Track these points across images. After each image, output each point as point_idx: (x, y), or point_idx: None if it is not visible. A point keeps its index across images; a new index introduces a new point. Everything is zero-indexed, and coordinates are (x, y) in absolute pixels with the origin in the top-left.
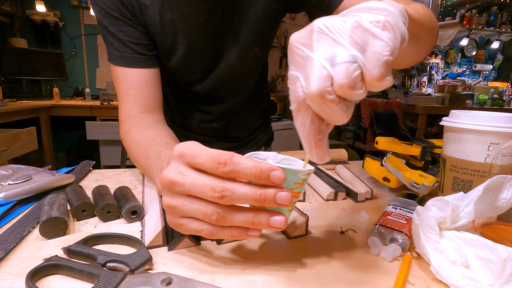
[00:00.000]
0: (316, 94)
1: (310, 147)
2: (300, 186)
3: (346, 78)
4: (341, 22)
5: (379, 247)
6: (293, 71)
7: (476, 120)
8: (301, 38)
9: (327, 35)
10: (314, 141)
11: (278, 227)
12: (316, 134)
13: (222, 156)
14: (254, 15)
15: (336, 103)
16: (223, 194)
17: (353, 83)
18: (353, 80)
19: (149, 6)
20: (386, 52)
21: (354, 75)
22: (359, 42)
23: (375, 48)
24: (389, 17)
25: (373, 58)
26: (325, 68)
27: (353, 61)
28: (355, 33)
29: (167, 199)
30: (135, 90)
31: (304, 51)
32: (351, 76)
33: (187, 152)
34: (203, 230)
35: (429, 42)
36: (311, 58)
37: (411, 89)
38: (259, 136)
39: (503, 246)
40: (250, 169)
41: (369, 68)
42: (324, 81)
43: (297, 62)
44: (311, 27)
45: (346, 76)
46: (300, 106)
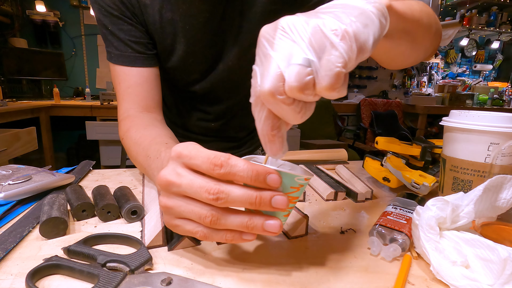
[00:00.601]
0: (267, 92)
1: (264, 141)
2: (296, 191)
3: (296, 81)
4: (304, 23)
5: (379, 247)
6: (255, 65)
7: (476, 120)
8: (267, 33)
9: (288, 34)
10: (267, 137)
11: (273, 231)
12: (269, 130)
13: (218, 158)
14: (254, 16)
15: (288, 103)
16: (218, 196)
17: (303, 87)
18: (303, 84)
19: (148, 5)
20: (339, 63)
21: (305, 80)
22: (317, 47)
23: (330, 58)
24: (352, 25)
25: (325, 67)
26: (279, 68)
27: (307, 65)
28: (315, 37)
29: (164, 199)
30: (134, 89)
31: (266, 47)
32: (302, 79)
33: (185, 153)
34: (198, 232)
35: (428, 40)
36: (269, 55)
37: (411, 89)
38: (257, 136)
39: (503, 246)
40: (246, 171)
41: (321, 76)
42: (276, 80)
43: (259, 57)
44: (276, 24)
45: (297, 79)
46: (257, 102)
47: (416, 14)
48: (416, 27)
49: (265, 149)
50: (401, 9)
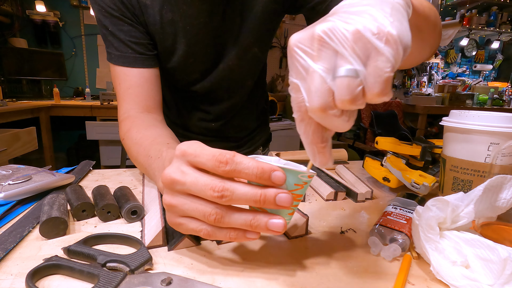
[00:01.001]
0: (318, 109)
1: (313, 153)
2: (300, 188)
3: (348, 94)
4: (344, 30)
5: (379, 247)
6: (294, 78)
7: (476, 120)
8: (302, 43)
9: (329, 44)
10: (317, 148)
11: (277, 230)
12: (319, 142)
13: (224, 155)
14: (254, 16)
15: (338, 116)
16: (223, 193)
17: (355, 98)
18: (355, 96)
19: (149, 5)
20: (387, 68)
21: (356, 91)
22: (361, 54)
23: (377, 64)
24: (394, 24)
25: (374, 74)
26: (326, 82)
27: (355, 76)
28: (358, 44)
29: (168, 197)
30: (135, 89)
31: (305, 59)
32: (353, 92)
33: (189, 151)
34: (202, 230)
35: (433, 38)
36: (312, 69)
37: (411, 89)
38: (257, 136)
39: (503, 246)
40: (251, 169)
41: (370, 84)
42: (326, 96)
43: (298, 70)
44: (312, 33)
45: (349, 92)
46: (303, 117)
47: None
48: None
49: (314, 161)
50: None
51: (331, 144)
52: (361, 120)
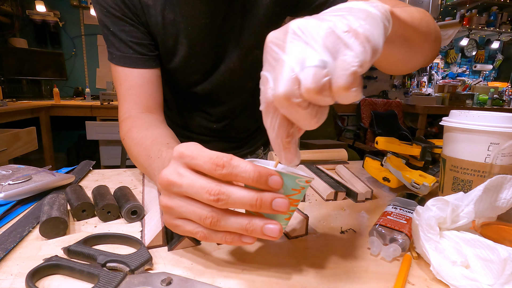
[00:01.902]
0: (283, 96)
1: (278, 149)
2: (298, 193)
3: (314, 83)
4: (316, 26)
5: (379, 247)
6: (264, 71)
7: (476, 120)
8: (276, 38)
9: (301, 37)
10: (282, 144)
11: (272, 236)
12: (284, 137)
13: (221, 159)
14: (256, 18)
15: (304, 107)
16: (219, 197)
17: (321, 89)
18: (320, 85)
19: (151, 6)
20: (355, 62)
21: (322, 81)
22: (331, 48)
23: (345, 57)
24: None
25: (341, 66)
26: (294, 71)
27: (323, 66)
28: (328, 39)
29: (165, 199)
30: (136, 90)
31: (276, 52)
32: (319, 81)
33: (187, 153)
34: (198, 232)
35: (426, 48)
36: (281, 59)
37: (411, 89)
38: (257, 136)
39: (503, 246)
40: (248, 172)
41: (337, 76)
42: (292, 83)
43: (269, 63)
44: (286, 28)
45: (314, 80)
46: (269, 108)
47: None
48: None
49: (280, 157)
50: (402, 16)
51: (298, 142)
52: (361, 120)
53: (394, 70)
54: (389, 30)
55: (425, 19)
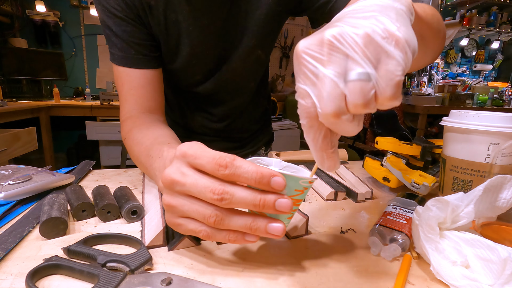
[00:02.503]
0: (332, 115)
1: (322, 159)
2: (301, 194)
3: (361, 98)
4: (354, 34)
5: (379, 247)
6: (302, 84)
7: (476, 120)
8: (310, 49)
9: (339, 48)
10: (327, 154)
11: (276, 234)
12: (329, 148)
13: (224, 159)
14: (258, 19)
15: (351, 121)
16: (223, 196)
17: (368, 103)
18: (368, 100)
19: (153, 6)
20: (398, 72)
21: (369, 95)
22: (372, 57)
23: (388, 67)
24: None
25: (386, 77)
26: (339, 87)
27: (368, 79)
28: (368, 48)
29: (167, 198)
30: (137, 90)
31: (314, 65)
32: (367, 96)
33: (190, 153)
34: (201, 231)
35: (436, 45)
36: (323, 74)
37: (411, 89)
38: (259, 136)
39: (503, 246)
40: (251, 173)
41: (382, 88)
42: (339, 101)
43: (307, 76)
44: (322, 38)
45: (362, 96)
46: (312, 123)
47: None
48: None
49: (322, 166)
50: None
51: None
52: None
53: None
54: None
55: (436, 15)
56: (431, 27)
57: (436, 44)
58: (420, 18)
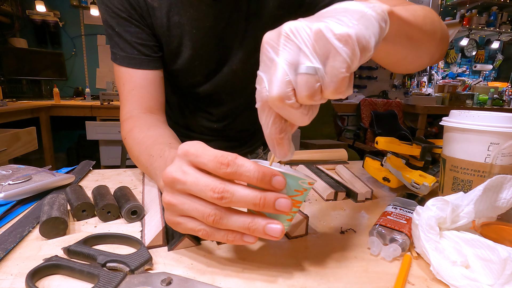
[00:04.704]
0: (277, 98)
1: (272, 145)
2: (300, 195)
3: (306, 90)
4: (307, 28)
5: (379, 247)
6: (260, 71)
7: (476, 120)
8: (271, 39)
9: (293, 41)
10: (276, 140)
11: (274, 235)
12: (277, 133)
13: (225, 157)
14: (259, 22)
15: (296, 107)
16: (223, 195)
17: (313, 94)
18: (313, 92)
19: (156, 8)
20: (343, 68)
21: (314, 88)
22: (321, 52)
23: (334, 64)
24: (354, 28)
25: (330, 74)
26: (287, 74)
27: (314, 73)
28: (318, 43)
29: (168, 196)
30: (139, 91)
31: (270, 53)
32: (311, 88)
33: (191, 152)
34: (200, 230)
35: (433, 46)
36: (275, 62)
37: (411, 89)
38: (257, 136)
39: (503, 246)
40: (252, 172)
41: (327, 83)
42: (285, 86)
43: (264, 63)
44: (280, 30)
45: (307, 88)
46: (264, 106)
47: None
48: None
49: (273, 152)
50: (404, 15)
51: (290, 137)
52: (361, 120)
53: (400, 68)
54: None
55: (429, 16)
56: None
57: (431, 46)
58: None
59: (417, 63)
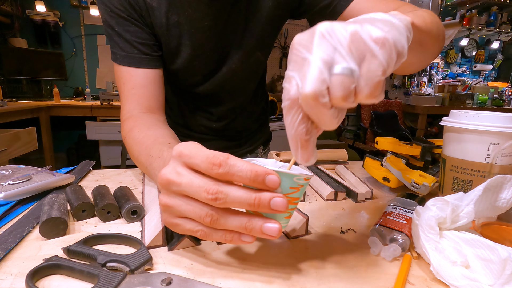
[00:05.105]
0: (310, 95)
1: (296, 147)
2: (296, 192)
3: (341, 91)
4: (343, 30)
5: (379, 247)
6: (290, 70)
7: (476, 120)
8: (303, 40)
9: (328, 40)
10: (300, 142)
11: (271, 235)
12: (303, 134)
13: (217, 158)
14: (258, 21)
15: (328, 107)
16: (217, 196)
17: (347, 96)
18: (348, 93)
19: (156, 8)
20: (379, 72)
21: (349, 89)
22: (357, 54)
23: (370, 67)
24: (390, 33)
25: (367, 76)
26: (323, 73)
27: (350, 74)
28: (354, 44)
29: (164, 198)
30: (139, 90)
31: (303, 52)
32: (346, 90)
33: (185, 153)
34: (198, 231)
35: (436, 48)
36: (308, 60)
37: (411, 89)
38: (257, 135)
39: (503, 246)
40: (245, 172)
41: (362, 85)
42: (321, 83)
43: (295, 62)
44: (313, 30)
45: (342, 89)
46: (292, 105)
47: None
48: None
49: (296, 156)
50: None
51: (315, 141)
52: (361, 120)
53: (407, 71)
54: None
55: (435, 21)
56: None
57: (435, 47)
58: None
59: (423, 64)
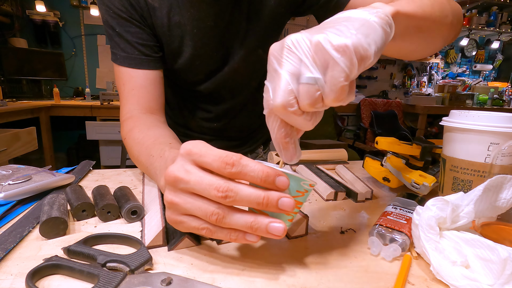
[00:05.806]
0: (280, 106)
1: (279, 149)
2: (301, 196)
3: (308, 99)
4: (307, 40)
5: (379, 247)
6: (266, 81)
7: (476, 120)
8: (275, 51)
9: (294, 52)
10: (282, 144)
11: (276, 234)
12: (283, 138)
13: (231, 157)
14: (260, 20)
15: (299, 114)
16: (227, 194)
17: (314, 103)
18: (314, 100)
19: (157, 8)
20: (341, 78)
21: (315, 97)
22: (320, 63)
23: (333, 74)
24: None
25: (330, 83)
26: (289, 84)
27: (314, 83)
28: (317, 54)
29: (170, 195)
30: (139, 91)
31: (275, 63)
32: (312, 97)
33: (195, 151)
34: (204, 228)
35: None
36: (279, 72)
37: (411, 89)
38: (257, 135)
39: (503, 246)
40: (257, 172)
41: (327, 92)
42: (287, 95)
43: (269, 73)
44: (283, 43)
45: (308, 97)
46: (270, 113)
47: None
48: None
49: (280, 156)
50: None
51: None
52: (361, 120)
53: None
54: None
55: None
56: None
57: (443, 30)
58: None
59: (431, 49)
